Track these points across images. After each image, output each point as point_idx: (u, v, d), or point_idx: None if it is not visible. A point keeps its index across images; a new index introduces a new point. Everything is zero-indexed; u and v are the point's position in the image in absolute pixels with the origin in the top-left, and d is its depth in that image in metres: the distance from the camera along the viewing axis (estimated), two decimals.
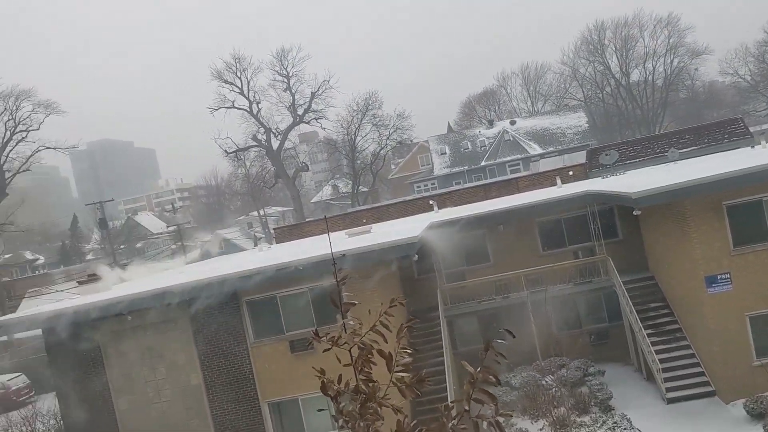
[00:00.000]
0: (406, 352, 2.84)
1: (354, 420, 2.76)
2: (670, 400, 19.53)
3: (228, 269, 21.31)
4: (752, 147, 30.05)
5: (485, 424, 2.58)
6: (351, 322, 2.89)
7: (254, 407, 20.27)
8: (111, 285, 24.94)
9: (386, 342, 2.88)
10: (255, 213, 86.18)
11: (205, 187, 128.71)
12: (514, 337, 2.73)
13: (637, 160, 33.65)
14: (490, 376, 2.63)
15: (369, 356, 2.82)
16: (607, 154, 33.66)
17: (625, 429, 18.15)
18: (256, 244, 53.50)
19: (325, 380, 2.84)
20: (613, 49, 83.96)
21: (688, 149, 32.98)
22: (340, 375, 2.86)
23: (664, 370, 20.01)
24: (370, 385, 2.79)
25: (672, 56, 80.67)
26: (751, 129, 38.05)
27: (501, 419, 2.60)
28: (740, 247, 19.08)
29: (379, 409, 2.77)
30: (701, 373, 19.90)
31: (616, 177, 29.67)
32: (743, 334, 19.18)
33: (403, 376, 2.78)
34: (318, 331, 2.95)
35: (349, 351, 2.82)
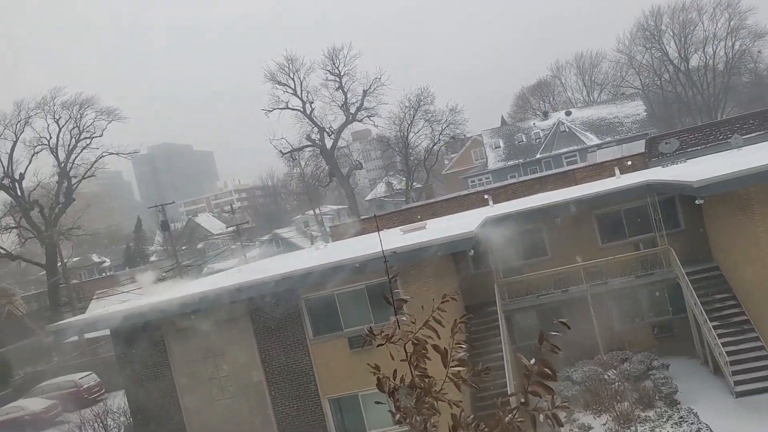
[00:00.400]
0: (461, 347, 2.84)
1: (411, 415, 2.78)
2: (739, 394, 18.94)
3: (286, 268, 21.61)
4: None
5: (542, 416, 2.57)
6: (404, 318, 2.91)
7: (315, 403, 20.52)
8: (174, 286, 25.58)
9: (439, 337, 2.89)
10: (311, 212, 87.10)
11: (262, 188, 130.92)
12: (569, 328, 2.70)
13: (699, 147, 32.68)
14: (546, 369, 2.61)
15: (423, 351, 2.83)
16: (667, 143, 32.82)
17: (692, 424, 17.70)
18: (312, 243, 54.09)
19: (380, 376, 2.86)
20: (671, 34, 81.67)
21: (753, 135, 31.84)
22: (395, 370, 2.88)
23: (732, 362, 19.41)
24: (426, 380, 2.81)
25: (733, 39, 77.98)
26: None
27: (558, 412, 2.58)
28: None
29: (435, 403, 2.79)
30: None
31: (676, 166, 28.91)
32: None
33: (458, 371, 2.78)
34: (372, 328, 2.97)
35: (404, 347, 2.84)
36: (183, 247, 78.99)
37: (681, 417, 18.33)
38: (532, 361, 2.64)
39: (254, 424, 20.85)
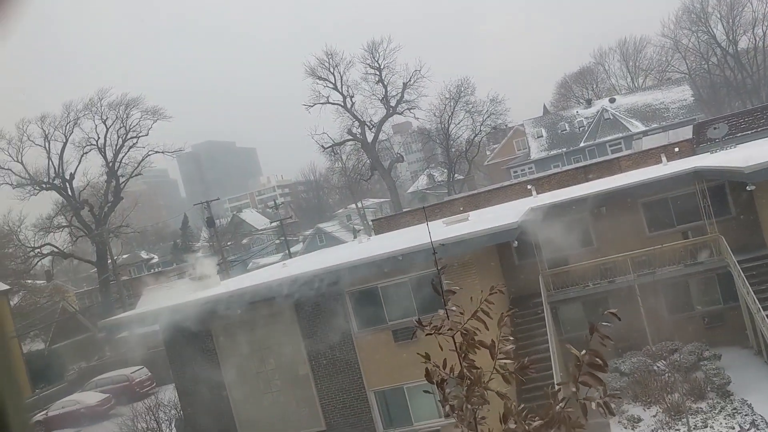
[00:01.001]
0: (508, 339, 2.84)
1: (461, 404, 2.79)
2: None
3: (330, 262, 21.75)
4: None
5: (594, 405, 2.56)
6: (453, 308, 2.92)
7: (361, 396, 20.65)
8: (221, 281, 25.98)
9: (488, 329, 2.89)
10: (353, 205, 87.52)
11: (305, 183, 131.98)
12: (619, 319, 2.68)
13: (749, 132, 31.81)
14: (597, 359, 2.60)
15: (472, 342, 2.84)
16: (715, 128, 32.03)
17: (746, 415, 17.30)
18: (355, 236, 54.36)
19: (429, 366, 2.88)
20: (718, 16, 79.50)
21: None
22: (445, 360, 2.90)
23: None
24: (474, 371, 2.81)
25: None
26: None
27: (610, 401, 2.57)
28: None
29: (485, 393, 2.80)
30: None
31: (726, 151, 28.19)
32: None
33: (505, 363, 2.79)
34: (421, 319, 2.99)
35: (452, 338, 2.84)
36: (228, 243, 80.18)
37: (734, 408, 17.93)
38: (583, 351, 2.63)
39: (301, 417, 21.09)
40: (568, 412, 2.66)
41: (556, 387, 2.73)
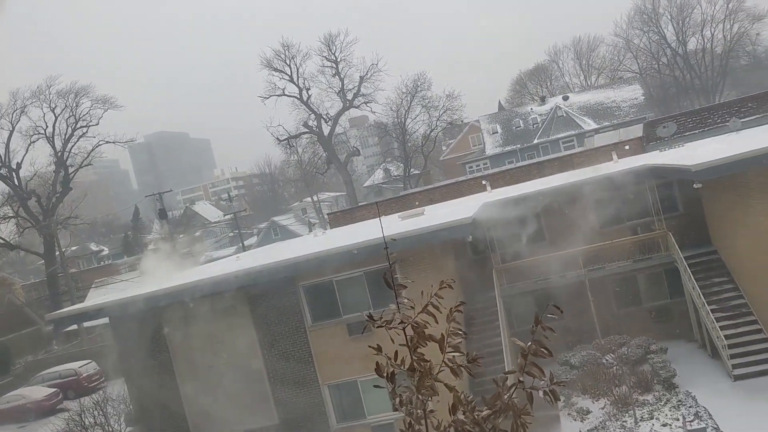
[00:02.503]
0: (457, 333, 2.86)
1: (410, 396, 2.81)
2: (738, 377, 19.03)
3: (284, 255, 21.62)
4: None
5: (540, 393, 2.62)
6: (405, 302, 2.93)
7: (314, 390, 20.60)
8: (173, 273, 25.57)
9: (437, 323, 2.91)
10: (308, 199, 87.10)
11: (259, 175, 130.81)
12: (561, 312, 2.77)
13: (697, 131, 32.66)
14: (542, 349, 2.67)
15: (422, 335, 2.85)
16: (664, 127, 32.78)
17: (690, 407, 17.80)
18: (310, 230, 54.13)
19: (380, 359, 2.89)
20: (669, 17, 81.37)
21: (751, 118, 31.81)
22: (396, 352, 2.91)
23: (730, 346, 19.48)
24: (424, 363, 2.83)
25: (731, 22, 77.74)
26: None
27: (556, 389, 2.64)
28: None
29: (434, 385, 2.82)
30: None
31: (674, 150, 28.87)
32: None
33: (454, 356, 2.82)
34: (372, 314, 2.99)
35: (404, 331, 2.85)
36: (181, 236, 78.99)
37: (679, 400, 18.44)
38: (528, 343, 2.69)
39: (254, 411, 20.93)
40: (515, 401, 2.71)
41: (505, 375, 2.79)
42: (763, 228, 18.77)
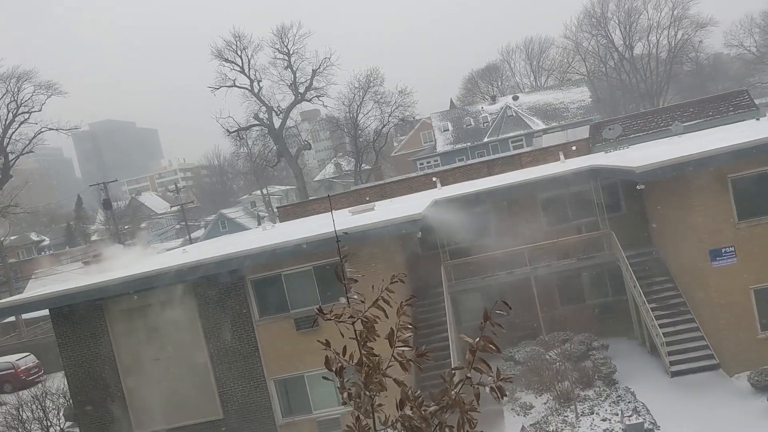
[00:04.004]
0: (407, 327, 2.88)
1: (358, 391, 2.81)
2: (674, 374, 19.64)
3: (232, 248, 21.38)
4: (757, 119, 29.92)
5: (487, 389, 2.65)
6: (355, 296, 2.94)
7: (260, 384, 20.45)
8: (116, 265, 25.05)
9: (387, 317, 2.92)
10: (258, 192, 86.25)
11: (208, 167, 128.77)
12: (510, 308, 2.81)
13: (641, 133, 33.52)
14: (490, 345, 2.70)
15: (372, 330, 2.86)
16: (610, 129, 33.53)
17: (629, 402, 18.29)
18: (259, 223, 53.64)
19: (329, 354, 2.89)
20: (617, 22, 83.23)
21: (693, 122, 32.81)
22: (345, 347, 2.91)
23: (668, 343, 20.09)
24: (373, 358, 2.84)
25: (676, 28, 79.94)
26: (757, 101, 37.76)
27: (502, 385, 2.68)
28: (745, 221, 19.06)
29: (383, 380, 2.83)
30: (705, 347, 19.98)
31: (619, 151, 29.57)
32: (748, 307, 19.22)
33: (403, 351, 2.83)
34: (322, 307, 2.98)
35: (353, 325, 2.85)
36: (126, 227, 77.32)
37: (619, 396, 18.93)
38: (477, 339, 2.72)
39: (198, 406, 20.66)
40: (462, 397, 2.74)
41: (452, 370, 2.82)
42: (702, 229, 19.40)
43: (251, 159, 78.28)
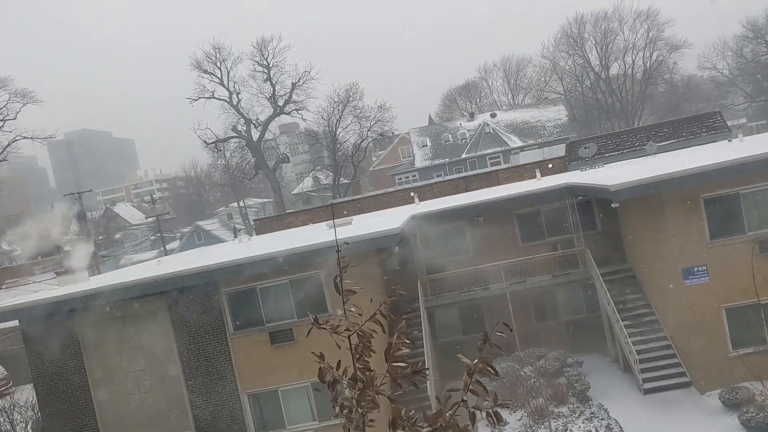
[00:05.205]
0: (404, 343, 2.82)
1: (351, 407, 2.75)
2: (647, 391, 19.78)
3: (207, 260, 21.23)
4: (729, 140, 30.43)
5: (483, 414, 2.59)
6: (353, 309, 2.89)
7: (234, 398, 20.23)
8: (89, 276, 24.72)
9: (384, 332, 2.89)
10: (235, 204, 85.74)
11: (185, 178, 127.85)
12: (511, 330, 2.76)
13: (616, 153, 33.91)
14: (489, 368, 2.64)
15: (368, 345, 2.81)
16: (586, 147, 33.88)
17: (602, 419, 18.38)
18: (235, 236, 53.24)
19: (322, 366, 2.82)
20: (593, 42, 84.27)
21: (667, 142, 33.29)
22: (339, 361, 2.86)
23: (641, 360, 20.25)
24: (368, 373, 2.78)
25: (651, 50, 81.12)
26: (729, 123, 38.45)
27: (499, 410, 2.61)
28: (717, 240, 19.35)
29: (376, 397, 2.77)
30: (677, 364, 20.17)
31: (594, 170, 29.87)
32: (719, 325, 19.46)
33: (398, 367, 2.77)
34: (318, 317, 2.93)
35: (348, 339, 2.81)
36: (100, 237, 76.35)
37: (592, 413, 19.02)
38: (475, 360, 2.66)
39: (170, 419, 20.38)
40: (457, 420, 2.68)
41: (449, 392, 2.76)
42: (675, 248, 19.66)
43: (228, 171, 77.85)
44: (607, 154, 33.83)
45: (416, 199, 31.54)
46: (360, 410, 2.73)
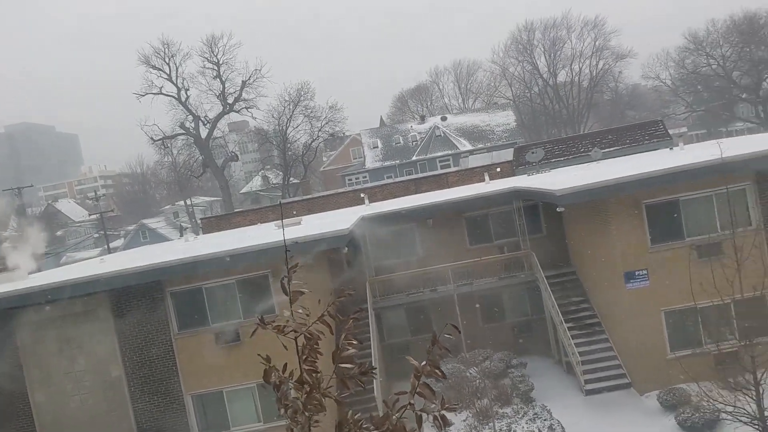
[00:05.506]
0: (352, 343, 2.79)
1: (296, 410, 2.70)
2: (588, 392, 20.21)
3: (152, 259, 20.83)
4: (671, 148, 31.35)
5: (431, 417, 2.58)
6: (301, 310, 2.85)
7: (177, 400, 19.90)
8: (27, 274, 23.96)
9: (332, 333, 2.86)
10: (181, 202, 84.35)
11: (130, 175, 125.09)
12: (459, 332, 2.75)
13: (562, 158, 34.58)
14: (437, 370, 2.63)
15: (315, 346, 2.78)
16: (533, 152, 34.44)
17: (545, 420, 18.69)
18: (182, 234, 52.42)
19: (268, 367, 2.77)
20: (542, 49, 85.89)
21: (611, 149, 34.10)
22: (286, 363, 2.82)
23: (583, 362, 20.68)
24: (314, 375, 2.74)
25: (597, 58, 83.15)
26: (670, 131, 39.60)
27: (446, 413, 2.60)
28: (657, 245, 19.90)
29: (323, 400, 2.73)
30: (618, 366, 20.67)
31: (541, 174, 30.38)
32: (658, 328, 20.02)
33: (346, 368, 2.73)
34: (264, 318, 2.89)
35: (295, 340, 2.77)
36: (40, 234, 74.04)
37: (535, 413, 19.31)
38: (423, 362, 2.65)
39: (111, 421, 19.92)
40: (404, 423, 2.66)
41: (397, 395, 2.73)
42: (617, 252, 20.16)
43: (175, 168, 76.58)
44: (553, 160, 34.46)
45: (366, 201, 31.56)
46: (306, 413, 2.69)
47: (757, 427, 13.21)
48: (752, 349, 13.33)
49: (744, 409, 13.19)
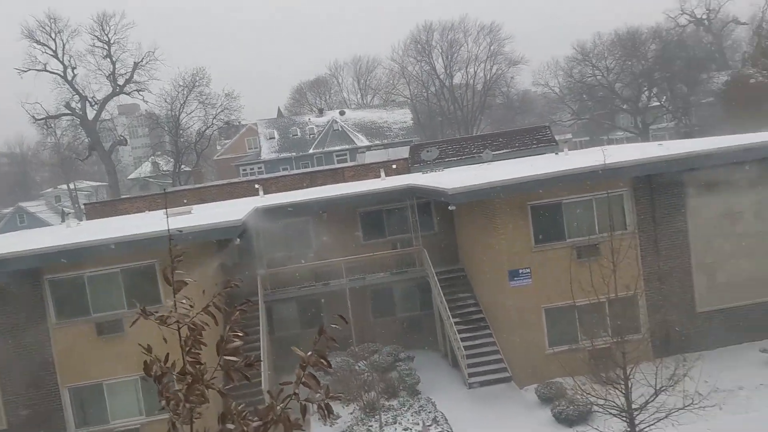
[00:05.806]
0: (237, 335, 2.78)
1: (178, 402, 2.67)
2: (472, 385, 20.90)
3: (29, 244, 19.73)
4: (556, 153, 32.83)
5: (315, 407, 2.61)
6: (184, 300, 2.82)
7: (52, 392, 18.98)
8: None
9: (217, 324, 2.84)
10: (64, 186, 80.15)
11: (8, 155, 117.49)
12: (347, 323, 2.81)
13: (455, 158, 35.45)
14: (322, 360, 2.67)
15: (199, 337, 2.76)
16: (428, 151, 35.13)
17: (429, 412, 19.20)
18: (63, 220, 49.91)
19: (148, 359, 2.73)
20: (440, 51, 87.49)
21: (501, 151, 35.30)
22: (168, 354, 2.78)
23: (468, 356, 21.34)
24: (198, 366, 2.72)
25: (491, 63, 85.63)
26: (557, 137, 41.42)
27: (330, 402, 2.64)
28: (540, 245, 20.81)
29: (205, 391, 2.71)
30: (500, 360, 21.48)
31: (435, 173, 31.01)
32: (539, 325, 20.93)
33: (231, 360, 2.73)
34: (145, 308, 2.83)
35: (178, 331, 2.74)
36: None
37: (420, 406, 19.81)
38: (309, 353, 2.68)
39: None
40: (288, 413, 2.68)
41: (280, 385, 2.75)
42: (502, 251, 20.93)
43: (59, 150, 72.64)
44: (447, 159, 35.26)
45: (261, 192, 31.15)
46: (188, 404, 2.67)
47: (624, 419, 14.06)
48: (623, 345, 14.16)
49: (614, 402, 13.99)
